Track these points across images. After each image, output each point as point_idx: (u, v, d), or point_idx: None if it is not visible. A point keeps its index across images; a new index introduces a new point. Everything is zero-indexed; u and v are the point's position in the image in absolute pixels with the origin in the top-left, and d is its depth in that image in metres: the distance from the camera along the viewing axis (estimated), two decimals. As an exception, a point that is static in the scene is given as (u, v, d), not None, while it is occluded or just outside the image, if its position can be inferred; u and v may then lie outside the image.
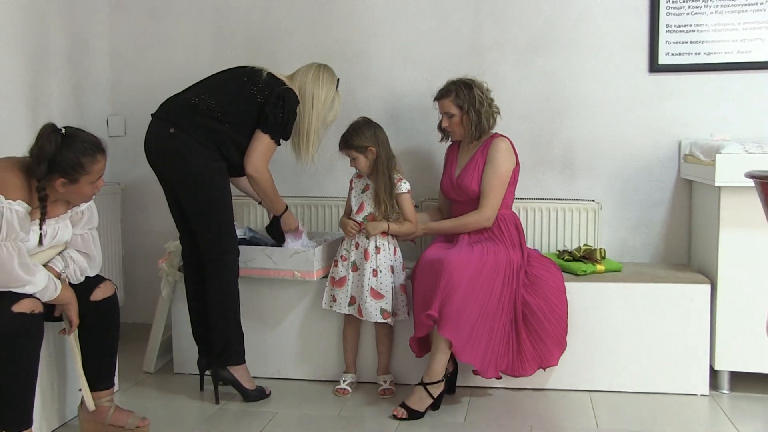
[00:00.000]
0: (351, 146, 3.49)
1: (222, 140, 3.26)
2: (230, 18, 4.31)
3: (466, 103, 3.51)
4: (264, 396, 3.46)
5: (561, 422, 3.23)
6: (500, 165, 3.47)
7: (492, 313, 3.28)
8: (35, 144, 2.72)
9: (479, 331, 3.24)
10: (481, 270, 3.28)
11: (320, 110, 3.47)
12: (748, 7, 3.79)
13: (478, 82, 3.57)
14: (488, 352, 3.27)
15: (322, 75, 3.49)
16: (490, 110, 3.54)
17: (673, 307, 3.45)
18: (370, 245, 3.48)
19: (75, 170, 2.74)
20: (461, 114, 3.53)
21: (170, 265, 3.72)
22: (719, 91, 3.88)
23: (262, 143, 3.31)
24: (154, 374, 3.84)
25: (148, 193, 4.34)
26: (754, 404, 3.36)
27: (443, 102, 3.58)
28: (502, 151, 3.49)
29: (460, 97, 3.52)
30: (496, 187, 3.46)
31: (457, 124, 3.56)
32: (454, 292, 3.18)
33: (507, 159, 3.49)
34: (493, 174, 3.46)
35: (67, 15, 4.07)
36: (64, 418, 3.17)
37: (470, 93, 3.52)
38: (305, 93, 3.44)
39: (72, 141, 2.74)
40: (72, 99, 4.12)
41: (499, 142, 3.52)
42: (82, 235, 2.99)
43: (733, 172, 3.23)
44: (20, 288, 2.66)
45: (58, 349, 3.10)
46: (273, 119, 3.29)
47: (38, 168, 2.69)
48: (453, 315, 3.16)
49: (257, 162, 3.31)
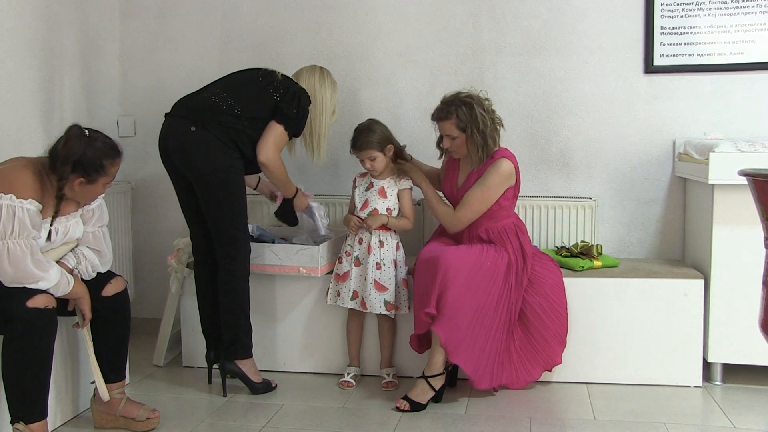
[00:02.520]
0: (372, 147, 3.48)
1: (240, 137, 3.31)
2: (237, 21, 4.35)
3: (470, 126, 3.29)
4: (270, 389, 3.50)
5: (559, 413, 3.25)
6: (490, 187, 3.34)
7: (489, 317, 3.28)
8: (63, 144, 2.74)
9: (474, 334, 3.23)
10: (479, 268, 3.28)
11: (328, 111, 3.55)
12: (740, 10, 3.82)
13: (478, 97, 3.35)
14: (483, 359, 3.27)
15: (327, 78, 3.59)
16: (494, 126, 3.35)
17: (668, 302, 3.48)
18: (373, 240, 3.53)
19: (96, 171, 2.78)
20: (464, 136, 3.34)
21: (179, 261, 3.76)
22: (712, 91, 3.90)
23: (275, 132, 3.35)
24: (164, 367, 3.88)
25: (158, 192, 4.39)
26: (746, 395, 3.39)
27: (443, 124, 3.37)
28: (500, 175, 3.34)
29: (461, 119, 3.30)
30: (477, 203, 3.36)
31: (460, 146, 3.38)
32: (449, 288, 3.17)
33: (500, 183, 3.34)
34: (479, 191, 3.35)
35: (79, 19, 4.10)
36: (78, 410, 3.22)
37: (472, 113, 3.28)
38: (315, 94, 3.50)
39: (95, 142, 2.78)
40: (83, 100, 4.16)
41: (501, 164, 3.34)
42: (93, 233, 3.02)
43: (726, 170, 3.27)
44: (34, 284, 2.70)
45: (71, 342, 3.15)
46: (288, 112, 3.35)
47: (63, 168, 2.72)
48: (447, 311, 3.17)
49: (269, 150, 3.35)
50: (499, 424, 3.11)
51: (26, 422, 2.70)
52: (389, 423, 3.13)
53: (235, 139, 3.31)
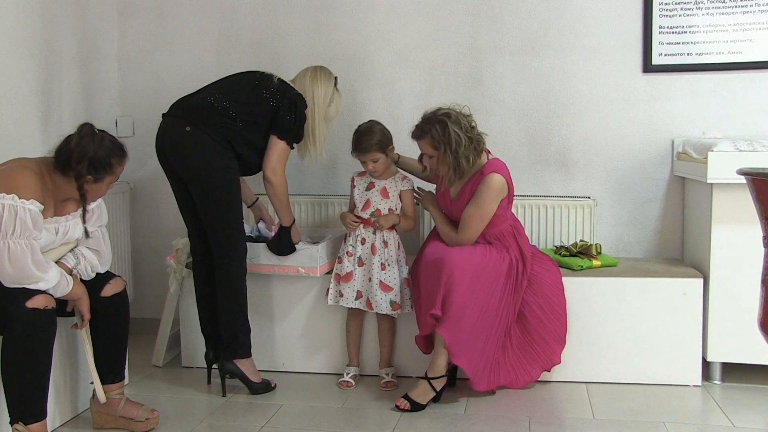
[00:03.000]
0: (375, 149, 3.49)
1: (235, 138, 3.33)
2: (235, 22, 4.35)
3: (442, 145, 3.27)
4: (269, 389, 3.50)
5: (558, 413, 3.25)
6: (484, 204, 3.31)
7: (490, 319, 3.28)
8: (77, 143, 2.76)
9: (476, 335, 3.24)
10: (483, 269, 3.28)
11: (321, 107, 3.54)
12: (738, 9, 3.82)
13: (456, 115, 3.30)
14: (482, 360, 3.28)
15: (319, 74, 3.58)
16: (471, 146, 3.29)
17: (667, 301, 3.48)
18: (377, 240, 3.53)
19: (104, 169, 2.80)
20: (440, 155, 3.32)
21: (178, 261, 3.76)
22: (711, 90, 3.90)
23: (278, 148, 3.39)
24: (163, 368, 3.88)
25: (157, 192, 4.39)
26: (745, 394, 3.40)
27: (420, 143, 3.38)
28: (492, 190, 3.31)
29: (435, 138, 3.28)
30: (475, 222, 3.34)
31: (440, 163, 3.36)
32: (455, 290, 3.18)
33: (494, 199, 3.32)
34: (475, 211, 3.33)
35: (77, 20, 4.11)
36: (77, 410, 3.22)
37: (445, 132, 3.25)
38: (306, 94, 3.51)
39: (103, 141, 2.81)
40: (82, 101, 4.16)
41: (490, 180, 3.30)
42: (92, 233, 3.02)
43: (725, 169, 3.27)
44: (33, 284, 2.70)
45: (70, 343, 3.15)
46: (287, 125, 3.37)
47: (78, 166, 2.75)
48: (454, 314, 3.18)
49: (275, 165, 3.39)
50: (499, 424, 3.11)
51: (26, 422, 2.70)
52: (389, 423, 3.13)
53: (230, 140, 3.32)
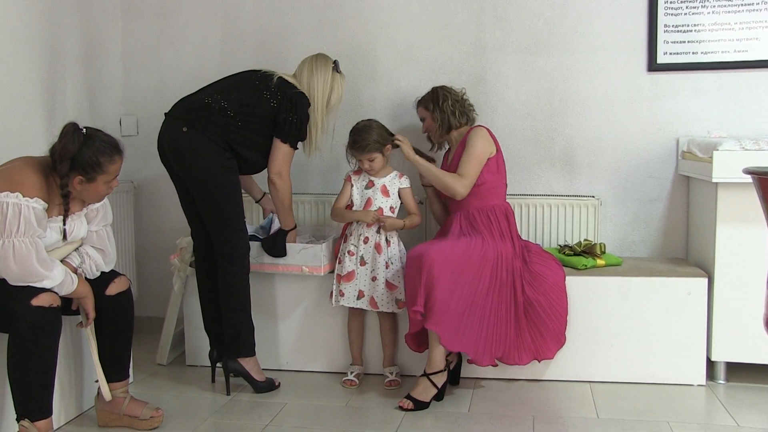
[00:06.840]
0: (372, 149, 3.52)
1: (234, 138, 3.33)
2: (239, 20, 4.35)
3: (431, 102, 3.70)
4: (273, 387, 3.50)
5: (562, 412, 3.26)
6: (474, 147, 3.53)
7: (481, 303, 3.31)
8: (58, 142, 2.77)
9: (468, 322, 3.27)
10: (465, 263, 3.30)
11: (322, 99, 3.50)
12: (744, 7, 3.81)
13: (448, 87, 3.75)
14: (480, 340, 3.30)
15: (316, 63, 3.56)
16: (457, 104, 3.67)
17: (671, 300, 3.48)
18: (381, 239, 3.54)
19: (93, 169, 2.79)
20: (430, 114, 3.71)
21: (182, 260, 3.77)
22: (716, 89, 3.89)
23: (282, 151, 3.40)
24: (167, 366, 3.89)
25: (161, 191, 4.39)
26: (750, 394, 3.40)
27: (418, 111, 3.81)
28: (478, 137, 3.57)
29: (425, 99, 3.74)
30: (472, 162, 3.51)
31: (429, 126, 3.75)
32: (436, 285, 3.20)
33: (482, 144, 3.55)
34: (467, 156, 3.52)
35: (81, 19, 4.12)
36: (82, 408, 3.23)
37: (434, 94, 3.72)
38: (306, 89, 3.48)
39: (92, 140, 2.79)
40: (86, 100, 4.17)
41: (474, 132, 3.61)
42: (97, 232, 3.04)
43: (730, 169, 3.27)
44: (38, 282, 2.71)
45: (75, 341, 3.16)
46: (289, 127, 3.37)
47: (60, 166, 2.75)
48: (437, 308, 3.19)
49: (280, 168, 3.40)
50: (502, 423, 3.11)
51: (32, 419, 2.71)
52: (392, 422, 3.14)
53: (227, 139, 3.33)
